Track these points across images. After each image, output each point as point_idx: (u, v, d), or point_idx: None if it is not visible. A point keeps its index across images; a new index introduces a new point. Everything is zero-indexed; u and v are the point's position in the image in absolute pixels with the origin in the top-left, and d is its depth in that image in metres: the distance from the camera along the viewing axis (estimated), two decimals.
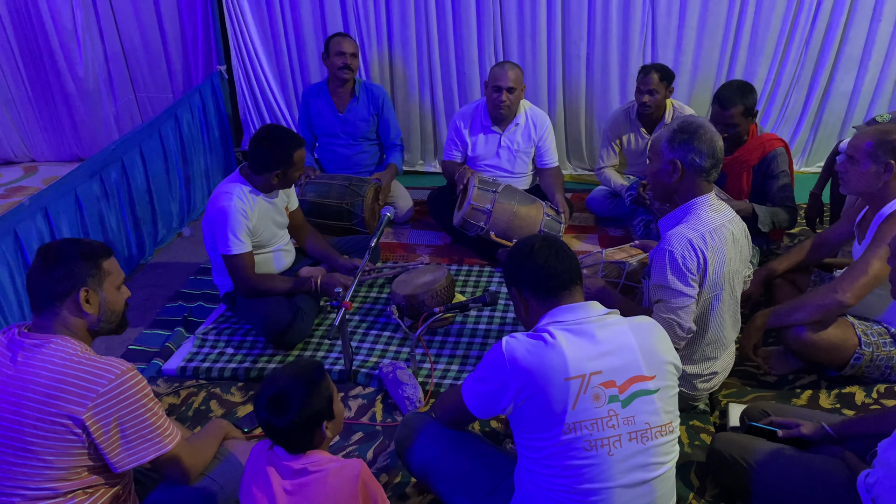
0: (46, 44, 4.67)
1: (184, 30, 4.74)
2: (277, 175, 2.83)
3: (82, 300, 1.73)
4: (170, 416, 2.51)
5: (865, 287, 2.37)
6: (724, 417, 2.44)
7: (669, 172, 2.19)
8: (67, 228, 3.18)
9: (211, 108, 4.53)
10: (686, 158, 2.15)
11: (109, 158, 3.51)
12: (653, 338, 1.69)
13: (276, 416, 1.65)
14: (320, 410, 1.68)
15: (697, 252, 2.11)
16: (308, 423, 1.67)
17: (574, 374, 1.58)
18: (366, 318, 3.15)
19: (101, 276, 1.78)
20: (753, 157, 3.27)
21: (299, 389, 1.66)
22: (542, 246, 1.75)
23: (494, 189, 3.45)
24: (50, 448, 1.63)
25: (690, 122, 2.18)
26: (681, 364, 1.75)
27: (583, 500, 1.60)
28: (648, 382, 1.63)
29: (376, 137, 4.17)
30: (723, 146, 2.19)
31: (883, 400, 2.49)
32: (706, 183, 2.20)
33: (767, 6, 4.22)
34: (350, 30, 4.54)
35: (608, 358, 1.61)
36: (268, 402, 1.66)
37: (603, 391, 1.59)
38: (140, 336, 3.12)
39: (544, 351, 1.60)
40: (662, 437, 1.64)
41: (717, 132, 2.19)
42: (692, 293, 2.14)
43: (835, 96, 4.45)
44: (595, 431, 1.58)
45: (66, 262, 1.73)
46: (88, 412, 1.61)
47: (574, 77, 4.53)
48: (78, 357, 1.67)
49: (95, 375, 1.64)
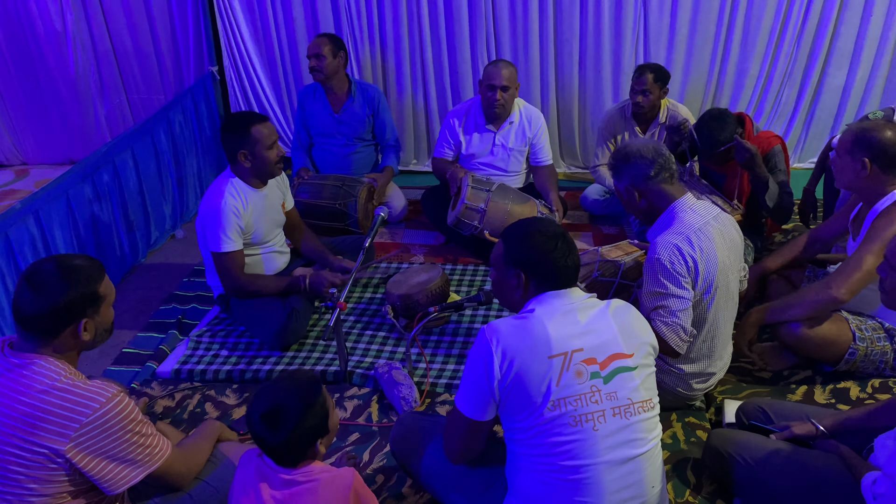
0: (37, 46, 4.64)
1: (175, 31, 4.72)
2: (244, 154, 2.78)
3: (82, 330, 1.68)
4: (164, 418, 2.53)
5: (859, 283, 2.37)
6: (719, 414, 2.44)
7: (634, 198, 2.28)
8: (59, 232, 3.16)
9: (203, 109, 4.52)
10: (637, 179, 2.25)
11: (101, 161, 3.49)
12: (630, 318, 1.74)
13: (269, 432, 1.61)
14: (315, 428, 1.64)
15: (685, 255, 2.13)
16: (301, 440, 1.63)
17: (557, 351, 1.62)
18: (361, 318, 3.15)
19: (98, 303, 1.72)
20: None
21: (295, 407, 1.61)
22: (562, 241, 1.75)
23: (488, 188, 3.45)
24: (31, 476, 1.60)
25: (618, 151, 2.31)
26: (657, 344, 1.78)
27: (570, 478, 1.62)
28: (628, 360, 1.67)
29: (372, 138, 4.15)
30: (659, 146, 2.26)
31: (877, 394, 2.49)
32: (672, 186, 2.25)
33: (759, 3, 4.23)
34: (342, 29, 4.53)
35: (589, 336, 1.66)
36: (261, 418, 1.61)
37: (585, 368, 1.63)
38: (134, 339, 3.10)
39: (528, 329, 1.64)
40: (645, 412, 1.68)
41: (645, 142, 2.28)
42: (688, 295, 2.16)
43: (827, 92, 4.46)
44: (579, 407, 1.61)
45: (64, 297, 1.64)
46: (71, 443, 1.58)
47: (567, 75, 4.53)
48: (61, 383, 1.61)
49: (78, 405, 1.59)
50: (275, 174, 2.90)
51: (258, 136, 2.77)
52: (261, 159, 2.80)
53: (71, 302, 1.66)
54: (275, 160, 2.83)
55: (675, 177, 2.26)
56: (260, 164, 2.81)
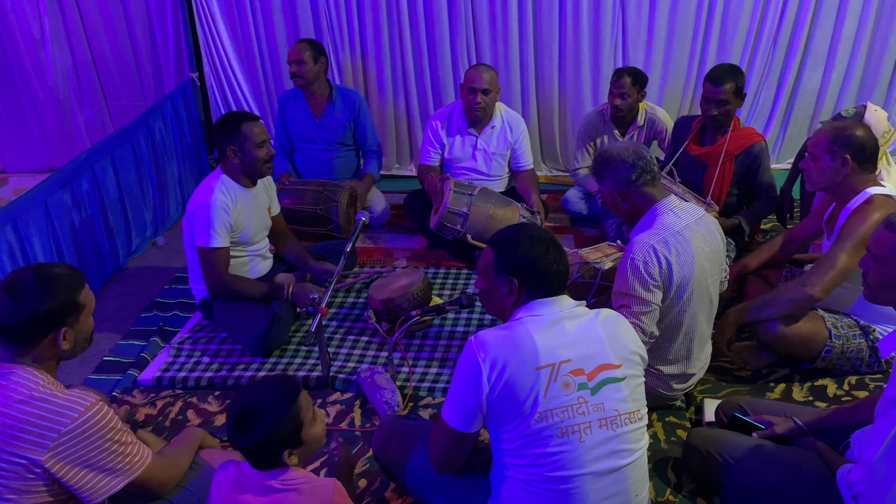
0: (14, 53, 4.58)
1: (155, 37, 4.70)
2: (233, 150, 2.83)
3: (61, 339, 1.68)
4: (146, 426, 2.51)
5: (834, 280, 2.41)
6: (699, 413, 2.47)
7: (617, 201, 2.30)
8: (38, 240, 3.13)
9: (183, 115, 4.49)
10: (619, 184, 2.26)
11: (81, 168, 3.46)
12: (618, 328, 1.73)
13: (239, 433, 1.61)
14: (282, 438, 1.61)
15: (660, 257, 2.15)
16: (269, 448, 1.61)
17: (545, 363, 1.60)
18: (343, 323, 3.14)
19: (78, 312, 1.71)
20: (734, 147, 3.32)
21: (266, 413, 1.60)
22: (553, 246, 1.74)
23: (470, 192, 3.46)
24: (10, 487, 1.59)
25: (599, 155, 2.33)
26: (646, 355, 1.78)
27: (556, 488, 1.62)
28: (616, 371, 1.66)
29: (353, 143, 4.15)
30: (639, 149, 2.27)
31: (854, 391, 2.53)
32: (654, 189, 2.26)
33: (735, 6, 4.28)
34: (322, 34, 4.53)
35: (576, 346, 1.64)
36: (233, 418, 1.62)
37: (572, 379, 1.62)
38: (115, 347, 3.08)
39: (515, 340, 1.63)
40: (632, 423, 1.67)
41: (625, 145, 2.29)
42: (654, 299, 2.17)
43: (803, 93, 4.52)
44: (566, 418, 1.60)
45: (44, 306, 1.63)
46: (49, 453, 1.57)
47: (546, 79, 4.56)
48: (39, 393, 1.61)
49: (56, 414, 1.59)
50: (263, 173, 2.94)
51: (248, 133, 2.82)
52: (249, 156, 2.84)
53: (50, 310, 1.65)
54: (263, 159, 2.87)
55: (657, 179, 2.27)
56: (248, 162, 2.86)
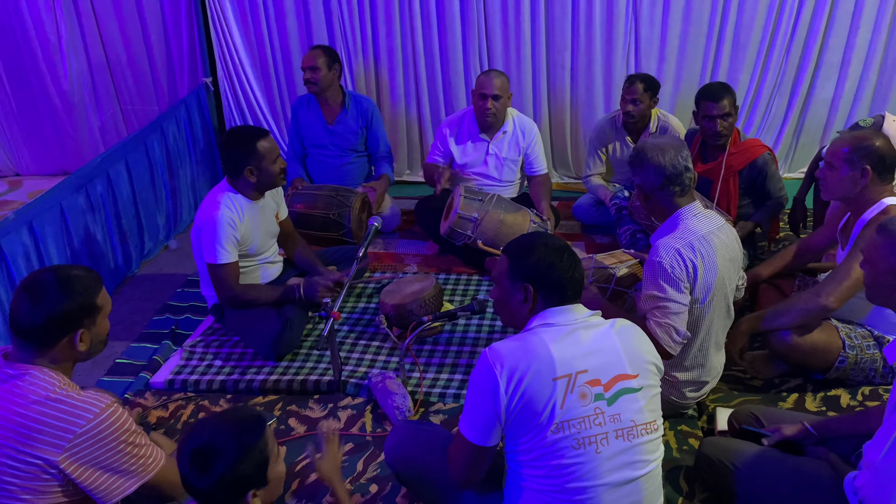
0: (31, 57, 4.64)
1: (169, 42, 4.73)
2: (250, 170, 2.82)
3: (78, 341, 1.70)
4: (158, 429, 2.52)
5: (848, 291, 2.40)
6: (711, 422, 2.45)
7: (641, 196, 2.31)
8: (53, 242, 3.16)
9: (197, 120, 4.53)
10: (645, 185, 2.27)
11: (95, 172, 3.49)
12: (634, 338, 1.72)
13: (195, 474, 1.45)
14: (248, 477, 1.47)
15: (686, 260, 2.15)
16: (233, 486, 1.46)
17: (561, 373, 1.59)
18: (354, 328, 3.15)
19: (95, 314, 1.72)
20: (738, 161, 3.32)
21: (228, 449, 1.45)
22: (567, 253, 1.75)
23: (480, 198, 3.47)
24: (25, 487, 1.60)
25: (639, 147, 2.30)
26: (662, 365, 1.77)
27: (571, 499, 1.61)
28: (632, 381, 1.65)
29: (365, 149, 4.17)
30: (678, 157, 2.22)
31: (867, 402, 2.51)
32: (680, 196, 2.25)
33: (748, 15, 4.28)
34: (335, 41, 4.56)
35: (593, 357, 1.63)
36: (190, 456, 1.45)
37: (589, 389, 1.61)
38: (127, 349, 3.10)
39: (531, 350, 1.62)
40: (648, 434, 1.66)
41: (667, 146, 2.24)
42: (685, 300, 2.17)
43: (816, 103, 4.51)
44: (583, 430, 1.59)
45: (62, 307, 1.65)
46: (64, 454, 1.58)
47: (559, 86, 4.56)
48: (55, 394, 1.62)
49: (72, 415, 1.60)
50: (277, 185, 2.95)
51: (263, 152, 2.81)
52: (266, 173, 2.85)
53: (68, 312, 1.67)
54: (278, 172, 2.88)
55: (685, 191, 2.25)
56: (265, 178, 2.86)
